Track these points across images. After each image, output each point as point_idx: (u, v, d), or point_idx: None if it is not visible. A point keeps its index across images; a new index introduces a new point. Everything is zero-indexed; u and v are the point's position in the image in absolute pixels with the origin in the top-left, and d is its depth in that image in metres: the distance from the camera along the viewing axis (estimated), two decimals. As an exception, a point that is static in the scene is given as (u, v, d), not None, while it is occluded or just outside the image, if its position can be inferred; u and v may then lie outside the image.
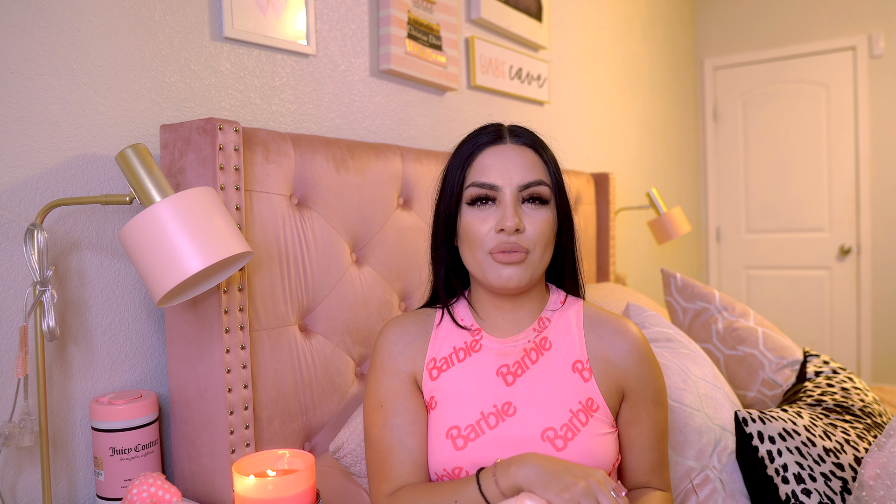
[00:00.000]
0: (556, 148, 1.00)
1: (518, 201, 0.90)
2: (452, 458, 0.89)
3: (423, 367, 0.97)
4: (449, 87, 1.84)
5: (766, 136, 3.77)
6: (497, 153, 0.92)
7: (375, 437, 0.94)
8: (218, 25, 1.28)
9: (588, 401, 0.91)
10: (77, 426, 1.08)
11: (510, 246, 0.89)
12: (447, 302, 1.01)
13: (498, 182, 0.90)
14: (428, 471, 0.93)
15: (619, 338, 0.96)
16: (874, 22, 3.45)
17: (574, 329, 0.97)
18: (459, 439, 0.90)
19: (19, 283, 1.01)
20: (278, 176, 1.20)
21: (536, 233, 0.90)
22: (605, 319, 0.98)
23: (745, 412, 1.18)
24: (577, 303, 1.01)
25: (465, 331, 0.99)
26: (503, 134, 0.94)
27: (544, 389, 0.92)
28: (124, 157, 0.92)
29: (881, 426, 1.31)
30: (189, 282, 0.97)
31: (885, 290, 3.49)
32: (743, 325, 1.78)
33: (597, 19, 2.76)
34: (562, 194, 0.95)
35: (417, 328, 1.01)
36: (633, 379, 0.94)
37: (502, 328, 0.98)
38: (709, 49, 3.93)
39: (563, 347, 0.95)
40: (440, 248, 0.99)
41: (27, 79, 1.01)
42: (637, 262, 3.15)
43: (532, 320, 0.98)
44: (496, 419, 0.90)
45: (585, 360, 0.94)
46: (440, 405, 0.94)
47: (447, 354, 0.97)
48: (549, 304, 1.00)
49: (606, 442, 0.90)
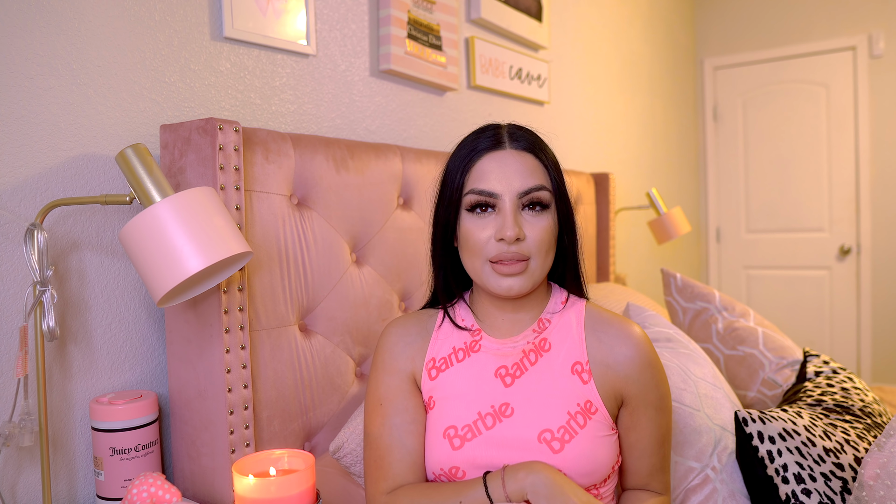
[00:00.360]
0: (556, 148, 1.00)
1: (518, 208, 0.89)
2: (449, 457, 0.90)
3: (422, 366, 0.97)
4: (449, 87, 1.84)
5: (766, 136, 3.77)
6: (496, 159, 0.91)
7: (374, 434, 0.95)
8: (218, 25, 1.28)
9: (587, 403, 0.91)
10: (77, 426, 1.08)
11: (510, 256, 0.88)
12: (447, 304, 1.01)
13: (497, 189, 0.89)
14: (425, 470, 0.93)
15: (621, 342, 0.94)
16: (874, 22, 3.45)
17: (574, 331, 0.96)
18: (456, 439, 0.90)
19: (19, 283, 1.01)
20: (278, 176, 1.20)
21: (537, 240, 0.89)
22: (608, 322, 0.97)
23: (745, 412, 1.18)
24: (580, 303, 1.00)
25: (464, 331, 0.99)
26: (502, 139, 0.93)
27: (542, 391, 0.91)
28: (124, 157, 0.92)
29: (881, 426, 1.31)
30: (189, 282, 0.97)
31: (885, 290, 3.49)
32: (743, 325, 1.78)
33: (597, 19, 2.76)
34: (562, 196, 0.95)
35: (418, 328, 1.01)
36: (633, 385, 0.93)
37: (502, 329, 0.97)
38: (709, 49, 3.93)
39: (563, 349, 0.94)
40: (439, 251, 0.99)
41: (27, 79, 1.01)
42: (637, 262, 3.15)
43: (532, 321, 0.97)
44: (493, 420, 0.90)
45: (585, 362, 0.93)
46: (438, 405, 0.94)
47: (446, 354, 0.97)
48: (550, 306, 0.99)
49: (605, 444, 0.90)
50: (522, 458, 0.87)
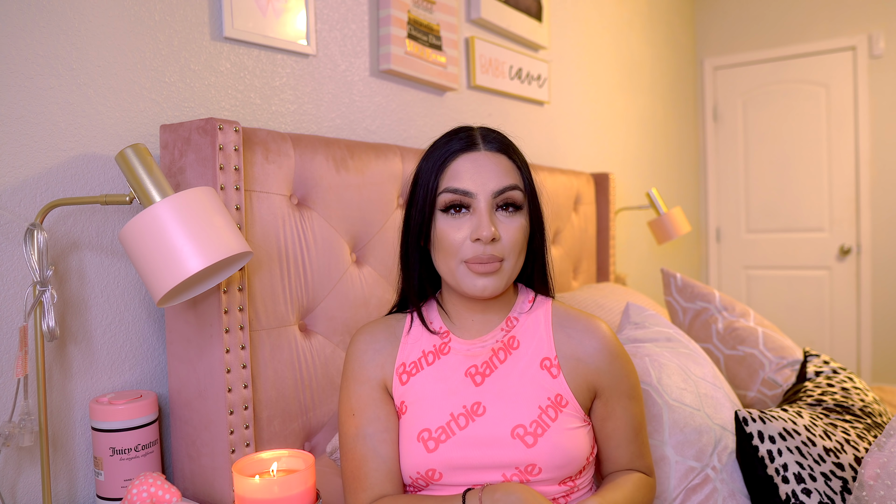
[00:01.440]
0: (556, 148, 1.00)
1: (492, 208, 0.91)
2: (425, 460, 0.90)
3: (392, 372, 0.98)
4: (449, 87, 1.84)
5: (766, 136, 3.77)
6: (471, 160, 0.92)
7: (349, 445, 0.95)
8: (218, 25, 1.28)
9: (557, 396, 0.92)
10: (77, 426, 1.08)
11: (486, 257, 0.89)
12: (420, 307, 1.01)
13: (472, 188, 0.90)
14: (401, 477, 0.94)
15: (589, 336, 0.97)
16: (874, 22, 3.45)
17: (542, 328, 0.98)
18: (431, 441, 0.91)
19: (19, 283, 1.01)
20: (278, 176, 1.20)
21: (511, 241, 0.91)
22: (575, 318, 0.99)
23: (746, 412, 1.19)
24: (546, 302, 1.02)
25: (434, 335, 0.99)
26: (476, 140, 0.94)
27: (512, 388, 0.93)
28: (124, 157, 0.92)
29: (881, 426, 1.31)
30: (189, 282, 0.97)
31: (885, 290, 3.49)
32: (743, 325, 1.78)
33: (597, 19, 2.76)
34: (533, 197, 0.96)
35: (387, 334, 1.01)
36: (605, 376, 0.96)
37: (472, 330, 0.99)
38: (709, 49, 3.93)
39: (532, 346, 0.96)
40: (413, 253, 0.99)
41: (27, 79, 1.01)
42: (637, 262, 3.15)
43: (501, 321, 0.99)
44: (466, 420, 0.91)
45: (554, 357, 0.95)
46: (410, 409, 0.95)
47: (416, 359, 0.98)
48: (518, 305, 1.01)
49: (577, 436, 0.91)
50: (497, 455, 0.89)
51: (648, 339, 1.42)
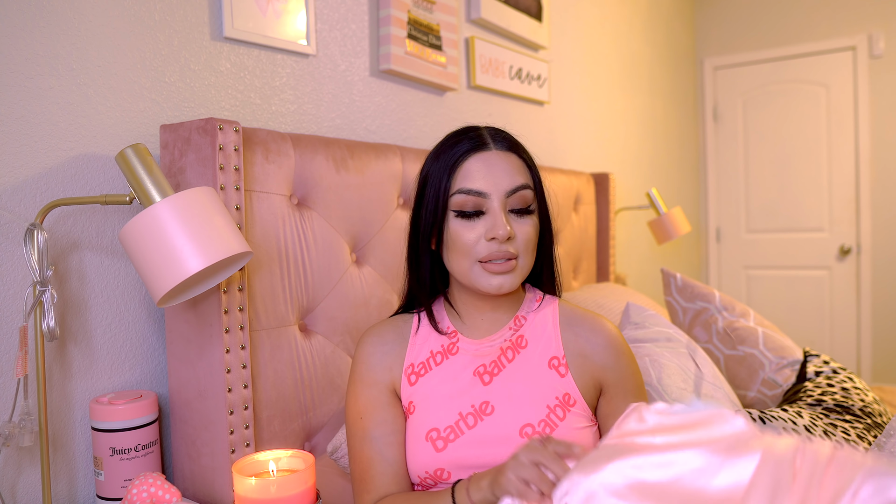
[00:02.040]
0: (556, 148, 1.01)
1: (505, 207, 0.91)
2: (433, 459, 0.90)
3: (401, 374, 0.98)
4: (449, 87, 1.84)
5: (766, 136, 3.77)
6: (482, 159, 0.92)
7: (356, 448, 0.95)
8: (218, 25, 1.28)
9: (565, 396, 0.93)
10: (77, 426, 1.08)
11: (502, 255, 0.90)
12: (430, 307, 1.01)
13: (485, 188, 0.91)
14: (409, 479, 0.94)
15: (595, 334, 0.97)
16: (874, 22, 3.45)
17: (550, 327, 0.98)
18: (439, 441, 0.91)
19: (19, 283, 1.01)
20: (278, 176, 1.20)
21: (524, 239, 0.92)
22: (581, 317, 1.00)
23: (746, 412, 1.18)
24: (554, 301, 1.02)
25: (442, 335, 1.00)
26: (486, 139, 0.94)
27: (521, 387, 0.93)
28: (124, 157, 0.92)
29: (881, 426, 1.31)
30: (189, 282, 0.97)
31: (885, 290, 3.49)
32: (743, 324, 1.78)
33: (597, 19, 2.76)
34: (542, 196, 0.97)
35: (394, 336, 1.01)
36: (611, 372, 0.96)
37: (480, 329, 0.99)
38: (709, 49, 3.93)
39: (540, 345, 0.97)
40: (423, 255, 0.99)
41: (27, 79, 1.01)
42: (637, 262, 3.15)
43: (509, 319, 1.00)
44: (474, 419, 0.91)
45: (562, 357, 0.95)
46: (419, 409, 0.95)
47: (425, 359, 0.98)
48: (526, 304, 1.01)
49: (585, 436, 0.92)
50: (506, 454, 0.88)
51: (648, 339, 1.42)
